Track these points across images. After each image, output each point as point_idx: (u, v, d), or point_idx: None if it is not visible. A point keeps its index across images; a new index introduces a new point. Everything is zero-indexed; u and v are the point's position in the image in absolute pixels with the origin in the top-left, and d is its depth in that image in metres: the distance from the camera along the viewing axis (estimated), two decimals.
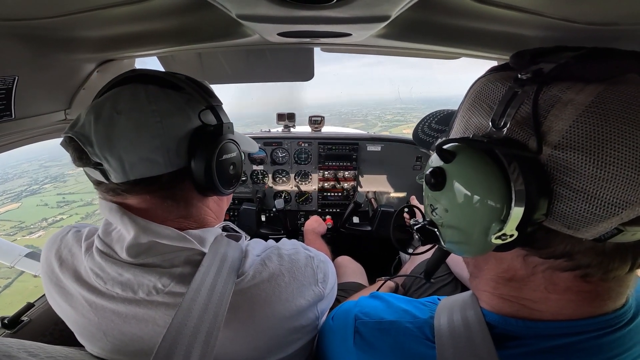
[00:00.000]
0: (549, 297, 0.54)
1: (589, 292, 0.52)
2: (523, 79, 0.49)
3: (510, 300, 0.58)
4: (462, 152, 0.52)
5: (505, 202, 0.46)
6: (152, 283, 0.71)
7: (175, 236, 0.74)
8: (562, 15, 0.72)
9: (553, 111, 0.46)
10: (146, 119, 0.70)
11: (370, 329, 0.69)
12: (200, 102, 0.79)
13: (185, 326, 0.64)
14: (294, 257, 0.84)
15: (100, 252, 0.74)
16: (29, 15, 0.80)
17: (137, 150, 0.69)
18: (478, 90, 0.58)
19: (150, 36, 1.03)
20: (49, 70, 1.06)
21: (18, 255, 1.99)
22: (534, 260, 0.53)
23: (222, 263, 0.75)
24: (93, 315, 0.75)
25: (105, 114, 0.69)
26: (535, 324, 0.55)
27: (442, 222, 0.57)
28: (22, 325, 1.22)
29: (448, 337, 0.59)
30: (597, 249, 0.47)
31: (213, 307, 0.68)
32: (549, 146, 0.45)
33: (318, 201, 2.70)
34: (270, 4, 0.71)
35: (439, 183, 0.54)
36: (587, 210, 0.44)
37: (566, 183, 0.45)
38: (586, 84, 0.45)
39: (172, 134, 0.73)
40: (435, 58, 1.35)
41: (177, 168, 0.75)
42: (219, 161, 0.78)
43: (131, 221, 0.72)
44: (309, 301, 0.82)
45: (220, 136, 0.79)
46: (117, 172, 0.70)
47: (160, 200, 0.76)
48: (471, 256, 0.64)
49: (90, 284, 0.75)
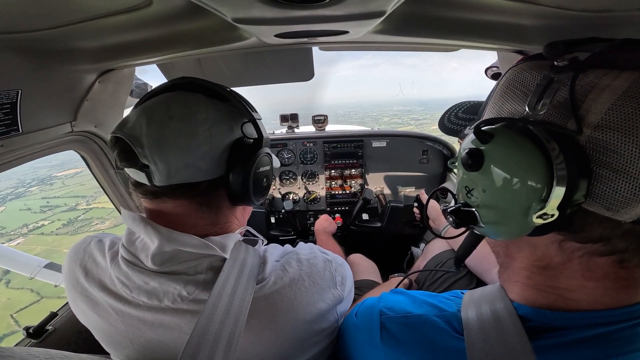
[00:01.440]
0: (586, 285, 0.54)
1: (625, 278, 0.52)
2: (560, 66, 0.51)
3: (545, 291, 0.58)
4: (500, 132, 0.53)
5: (547, 181, 0.47)
6: (177, 291, 0.73)
7: (199, 244, 0.75)
8: (558, 3, 0.71)
9: (591, 95, 0.47)
10: (197, 126, 0.73)
11: (397, 324, 0.69)
12: (243, 114, 0.83)
13: (208, 332, 0.66)
14: (312, 262, 0.86)
15: (125, 261, 0.76)
16: (28, 27, 0.81)
17: (184, 155, 0.72)
18: (511, 78, 0.60)
19: (147, 44, 1.04)
20: (51, 82, 1.08)
21: (37, 266, 2.02)
22: (571, 246, 0.53)
23: (242, 269, 0.77)
24: (120, 323, 0.77)
25: (157, 117, 0.72)
26: (572, 315, 0.55)
27: (478, 203, 0.58)
28: (47, 335, 1.24)
29: (477, 330, 0.60)
30: (635, 232, 0.48)
31: (234, 312, 0.70)
32: (588, 127, 0.47)
33: (326, 200, 2.72)
34: (265, 6, 0.71)
35: (476, 163, 0.55)
36: (627, 190, 0.45)
37: (606, 163, 0.46)
38: (621, 71, 0.46)
39: (217, 143, 0.76)
40: (433, 51, 1.34)
41: (217, 176, 0.78)
42: (256, 173, 0.81)
43: (155, 230, 0.74)
44: (329, 304, 0.83)
45: (260, 149, 0.82)
46: (162, 175, 0.72)
47: (197, 207, 0.79)
48: (508, 238, 0.64)
49: (117, 293, 0.77)
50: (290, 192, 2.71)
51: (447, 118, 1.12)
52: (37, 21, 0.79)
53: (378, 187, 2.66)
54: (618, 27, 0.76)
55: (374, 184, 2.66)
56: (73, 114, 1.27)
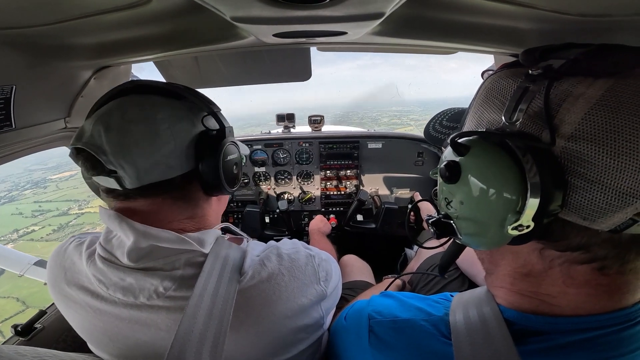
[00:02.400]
0: (568, 292, 0.54)
1: (607, 285, 0.52)
2: (534, 74, 0.51)
3: (528, 296, 0.58)
4: (476, 145, 0.53)
5: (521, 192, 0.47)
6: (153, 287, 0.73)
7: (175, 239, 0.76)
8: (554, 7, 0.72)
9: (565, 105, 0.47)
10: (157, 126, 0.74)
11: (385, 328, 0.70)
12: (202, 108, 0.85)
13: (192, 332, 0.66)
14: (294, 257, 0.85)
15: (102, 259, 0.76)
16: (24, 23, 0.80)
17: (151, 156, 0.73)
18: (490, 87, 0.60)
19: (145, 41, 1.03)
20: (46, 78, 1.07)
21: (27, 263, 2.00)
22: (551, 254, 0.53)
23: (224, 266, 0.77)
24: (98, 321, 0.77)
25: (115, 123, 0.72)
26: (556, 320, 0.55)
27: (457, 215, 0.58)
28: (35, 333, 1.23)
29: (465, 334, 0.60)
30: (613, 240, 0.48)
31: (218, 311, 0.69)
32: (562, 138, 0.47)
33: (321, 201, 2.71)
34: (264, 5, 0.71)
35: (453, 176, 0.55)
36: (602, 200, 0.44)
37: (580, 174, 0.45)
38: (596, 78, 0.46)
39: (181, 138, 0.78)
40: (431, 53, 1.34)
41: (188, 170, 0.80)
42: (225, 162, 0.84)
43: (130, 227, 0.74)
44: (311, 300, 0.82)
45: (224, 139, 0.85)
46: (132, 178, 0.73)
47: (173, 202, 0.80)
48: (487, 249, 0.65)
49: (94, 291, 0.77)
50: (285, 192, 2.71)
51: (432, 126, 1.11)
52: (34, 17, 0.79)
53: (373, 188, 2.66)
54: (615, 31, 0.77)
55: (369, 185, 2.66)
56: (67, 110, 1.26)
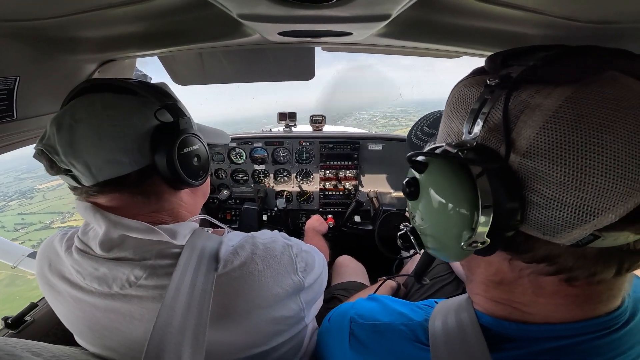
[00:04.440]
0: (538, 301, 0.54)
1: (576, 295, 0.51)
2: (492, 84, 0.48)
3: (502, 303, 0.58)
4: (432, 162, 0.52)
5: (474, 210, 0.45)
6: (125, 276, 0.74)
7: (144, 229, 0.77)
8: (563, 13, 0.72)
9: (522, 117, 0.45)
10: (103, 123, 0.75)
11: (365, 331, 0.70)
12: (155, 102, 0.83)
13: (171, 324, 0.66)
14: (269, 245, 0.85)
15: (78, 250, 0.79)
16: (30, 15, 0.80)
17: (99, 154, 0.74)
18: (456, 96, 0.58)
19: (151, 36, 1.03)
20: (50, 70, 1.06)
21: (21, 255, 1.99)
22: (519, 264, 0.53)
23: (201, 257, 0.77)
24: (78, 311, 0.79)
25: (65, 123, 0.74)
26: (528, 327, 0.55)
27: (421, 230, 0.59)
28: (25, 325, 1.22)
29: (442, 340, 0.60)
30: (578, 253, 0.46)
31: (196, 302, 0.70)
32: (517, 154, 0.45)
33: (319, 200, 2.71)
34: (271, 3, 0.71)
35: (413, 193, 0.55)
36: (559, 217, 0.43)
37: (537, 190, 0.44)
38: (556, 86, 0.43)
39: (131, 134, 0.77)
40: (436, 57, 1.34)
41: (144, 165, 0.79)
42: (181, 154, 0.83)
43: (103, 217, 0.76)
44: (287, 290, 0.82)
45: (178, 131, 0.84)
46: (85, 176, 0.75)
47: (130, 197, 0.80)
48: (453, 261, 0.65)
49: (73, 281, 0.78)
50: (284, 191, 2.71)
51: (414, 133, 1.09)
52: (40, 10, 0.79)
53: (372, 189, 2.66)
54: (624, 39, 0.77)
55: (368, 186, 2.66)
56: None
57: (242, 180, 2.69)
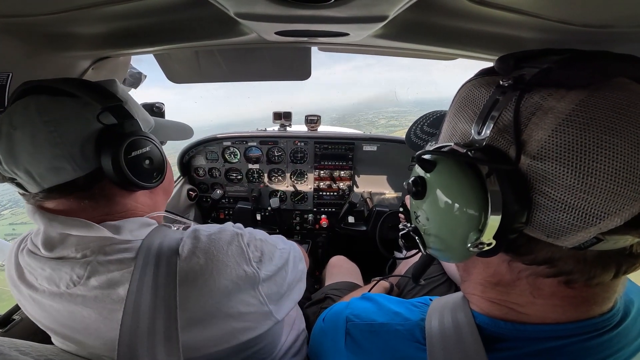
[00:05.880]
0: (535, 302, 0.54)
1: (573, 297, 0.52)
2: (505, 85, 0.48)
3: (498, 304, 0.59)
4: (441, 162, 0.52)
5: (482, 211, 0.46)
6: (68, 275, 0.72)
7: (83, 225, 0.74)
8: (559, 17, 0.73)
9: (534, 119, 0.45)
10: (40, 130, 0.71)
11: (361, 331, 0.70)
12: (96, 105, 0.78)
13: (138, 328, 0.65)
14: (214, 237, 0.80)
15: (28, 251, 0.78)
16: (25, 12, 0.79)
17: (40, 161, 0.71)
18: (464, 96, 0.58)
19: (146, 34, 1.02)
20: (44, 67, 1.05)
21: None
22: (518, 266, 0.53)
23: (159, 255, 0.74)
24: (38, 309, 0.79)
25: (4, 130, 0.71)
26: (524, 327, 0.55)
27: (424, 230, 0.58)
28: (13, 324, 1.21)
29: (438, 339, 0.60)
30: (578, 256, 0.47)
31: (162, 302, 0.68)
32: (527, 156, 0.45)
33: (313, 200, 2.71)
34: (269, 2, 0.71)
35: (419, 192, 0.55)
36: (565, 220, 0.43)
37: (545, 193, 0.44)
38: (568, 90, 0.44)
39: (71, 140, 0.73)
40: (432, 59, 1.35)
41: (90, 170, 0.76)
42: (129, 158, 0.79)
43: (41, 216, 0.75)
44: (238, 284, 0.76)
45: (123, 135, 0.80)
46: (29, 183, 0.73)
47: (78, 201, 0.77)
48: (454, 262, 0.65)
49: (30, 282, 0.78)
50: (278, 190, 2.70)
51: (413, 132, 1.09)
52: (35, 6, 0.78)
53: (366, 190, 2.67)
54: (618, 43, 0.78)
55: (362, 187, 2.67)
56: None
57: (236, 180, 2.68)
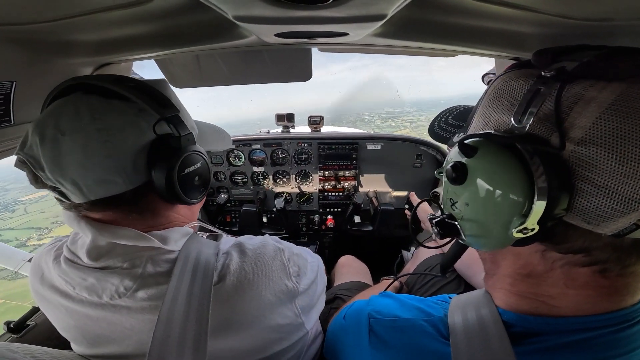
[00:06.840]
0: (568, 293, 0.54)
1: (607, 287, 0.52)
2: (546, 76, 0.50)
3: (528, 297, 0.59)
4: (483, 147, 0.53)
5: (528, 196, 0.47)
6: (114, 287, 0.70)
7: (134, 235, 0.73)
8: (558, 11, 0.72)
9: (576, 108, 0.47)
10: (92, 139, 0.66)
11: (385, 327, 0.70)
12: (153, 114, 0.74)
13: (169, 337, 0.64)
14: (259, 251, 0.81)
15: (66, 260, 0.75)
16: (25, 19, 0.80)
17: (89, 173, 0.67)
18: (499, 87, 0.59)
19: (147, 39, 1.03)
20: (46, 74, 1.06)
21: (22, 260, 1.99)
22: (553, 256, 0.54)
23: (196, 267, 0.73)
24: (70, 319, 0.77)
25: (49, 134, 0.66)
26: (555, 320, 0.56)
27: (462, 216, 0.58)
28: (27, 330, 1.22)
29: (462, 335, 0.60)
30: (615, 244, 0.48)
31: (194, 313, 0.67)
32: (571, 142, 0.46)
33: (319, 201, 2.72)
34: (267, 5, 0.71)
35: (460, 177, 0.55)
36: (608, 205, 0.44)
37: (588, 178, 0.45)
38: (608, 82, 0.45)
39: (125, 151, 0.70)
40: (432, 56, 1.35)
41: (139, 184, 0.73)
42: (182, 175, 0.76)
43: (88, 225, 0.72)
44: (280, 298, 0.78)
45: (180, 150, 0.76)
46: (74, 194, 0.69)
47: (124, 214, 0.75)
48: (490, 250, 0.65)
49: (63, 290, 0.75)
50: (284, 192, 2.71)
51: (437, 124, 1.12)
52: (35, 13, 0.78)
53: (371, 189, 2.67)
54: (618, 36, 0.77)
55: (367, 186, 2.67)
56: None
57: (242, 183, 2.69)
